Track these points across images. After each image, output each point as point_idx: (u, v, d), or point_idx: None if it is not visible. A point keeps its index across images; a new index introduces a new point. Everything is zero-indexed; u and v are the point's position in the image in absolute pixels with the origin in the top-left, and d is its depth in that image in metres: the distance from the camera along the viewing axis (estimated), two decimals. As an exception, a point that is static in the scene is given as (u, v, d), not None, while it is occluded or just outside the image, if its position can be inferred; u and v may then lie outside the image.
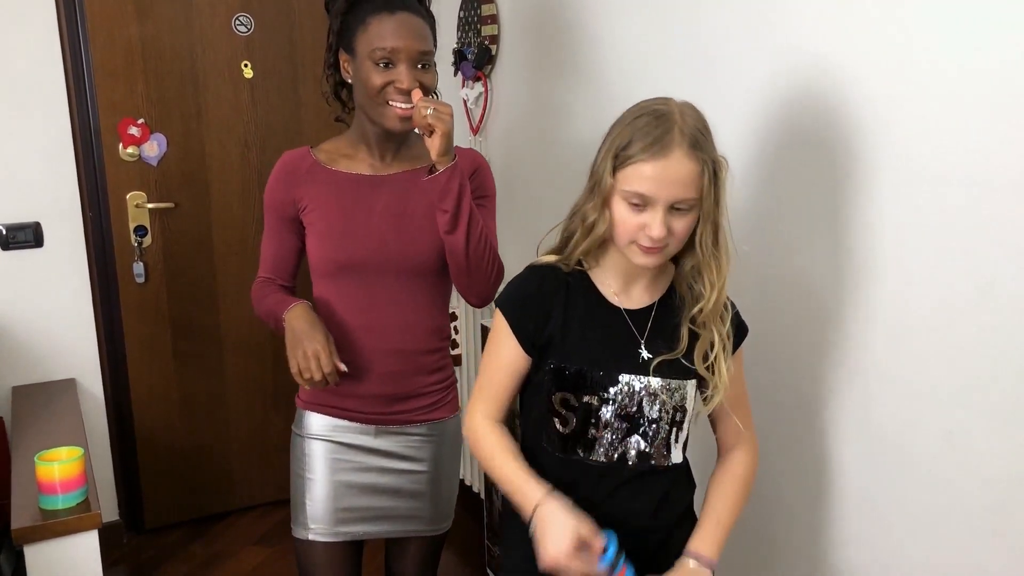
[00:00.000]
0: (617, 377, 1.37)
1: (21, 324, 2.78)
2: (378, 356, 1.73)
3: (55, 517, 1.90)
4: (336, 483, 1.76)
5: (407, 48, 1.62)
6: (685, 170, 1.26)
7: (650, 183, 1.27)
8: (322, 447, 1.77)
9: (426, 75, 1.65)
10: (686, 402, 1.40)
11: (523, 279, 1.45)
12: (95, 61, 2.76)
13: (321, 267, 1.73)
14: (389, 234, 1.70)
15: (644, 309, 1.40)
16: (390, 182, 1.74)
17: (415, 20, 1.65)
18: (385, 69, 1.63)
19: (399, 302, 1.72)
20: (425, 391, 1.79)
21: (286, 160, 1.77)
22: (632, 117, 1.32)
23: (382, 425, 1.77)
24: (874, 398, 1.53)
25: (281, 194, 1.75)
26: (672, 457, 1.42)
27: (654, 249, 1.30)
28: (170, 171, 2.91)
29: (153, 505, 3.09)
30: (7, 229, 2.71)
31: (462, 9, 2.83)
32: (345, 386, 1.71)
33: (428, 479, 1.82)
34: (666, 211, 1.28)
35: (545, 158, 2.49)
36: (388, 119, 1.66)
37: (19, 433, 2.41)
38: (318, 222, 1.72)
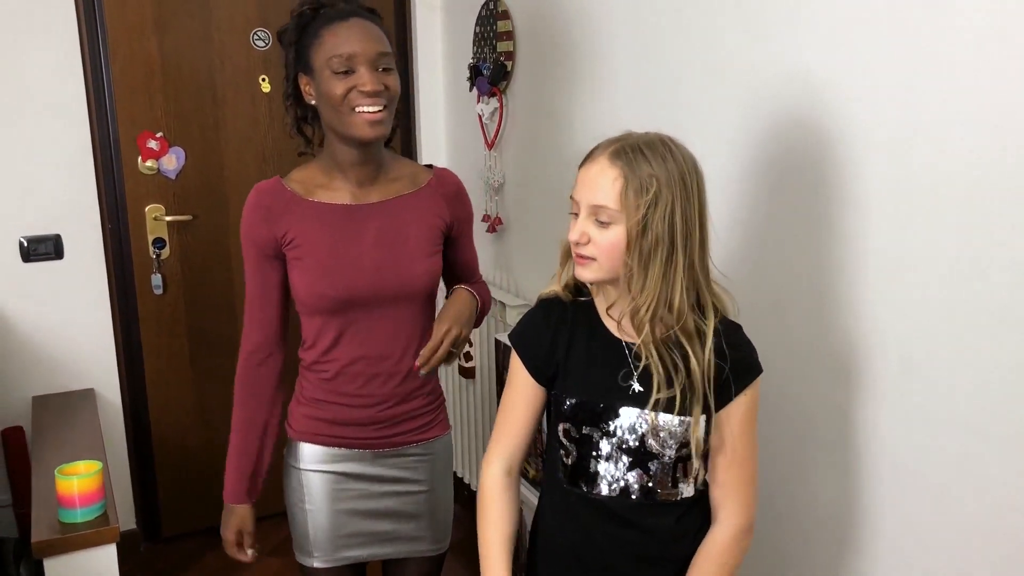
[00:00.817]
0: (617, 410, 1.36)
1: (41, 334, 2.81)
2: (376, 384, 1.71)
3: (74, 531, 1.92)
4: (337, 512, 1.75)
5: (364, 51, 1.59)
6: (602, 177, 1.29)
7: (577, 187, 1.33)
8: (320, 478, 1.75)
9: (388, 77, 1.62)
10: (692, 437, 1.36)
11: (531, 313, 1.48)
12: (115, 75, 2.80)
13: (313, 303, 1.68)
14: (384, 265, 1.68)
15: None
16: (376, 211, 1.70)
17: (368, 24, 1.63)
18: (345, 76, 1.59)
19: (395, 329, 1.71)
20: (419, 412, 1.78)
21: (261, 193, 1.70)
22: None
23: (378, 449, 1.75)
24: (887, 424, 1.54)
25: (263, 230, 1.67)
26: (681, 491, 1.40)
27: (582, 259, 1.33)
28: (188, 184, 2.94)
29: (170, 514, 3.12)
30: (28, 241, 2.75)
31: (478, 25, 2.85)
32: (341, 414, 1.72)
33: (425, 499, 1.81)
34: (588, 218, 1.31)
35: (560, 174, 2.51)
36: (358, 127, 1.61)
37: (39, 443, 2.44)
38: (306, 257, 1.66)
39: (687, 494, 1.41)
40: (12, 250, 2.74)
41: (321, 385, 1.73)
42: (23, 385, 2.81)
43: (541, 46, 2.55)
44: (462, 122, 3.11)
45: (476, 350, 2.96)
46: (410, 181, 1.75)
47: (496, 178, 2.83)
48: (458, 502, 3.26)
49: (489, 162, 2.86)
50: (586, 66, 2.34)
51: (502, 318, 2.74)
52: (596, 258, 1.32)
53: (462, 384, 3.09)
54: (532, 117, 2.64)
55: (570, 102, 2.43)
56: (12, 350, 2.77)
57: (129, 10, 2.78)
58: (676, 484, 1.39)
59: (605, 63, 2.25)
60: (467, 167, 3.09)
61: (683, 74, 1.95)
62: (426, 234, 1.72)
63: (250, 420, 1.75)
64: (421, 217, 1.73)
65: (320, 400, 1.74)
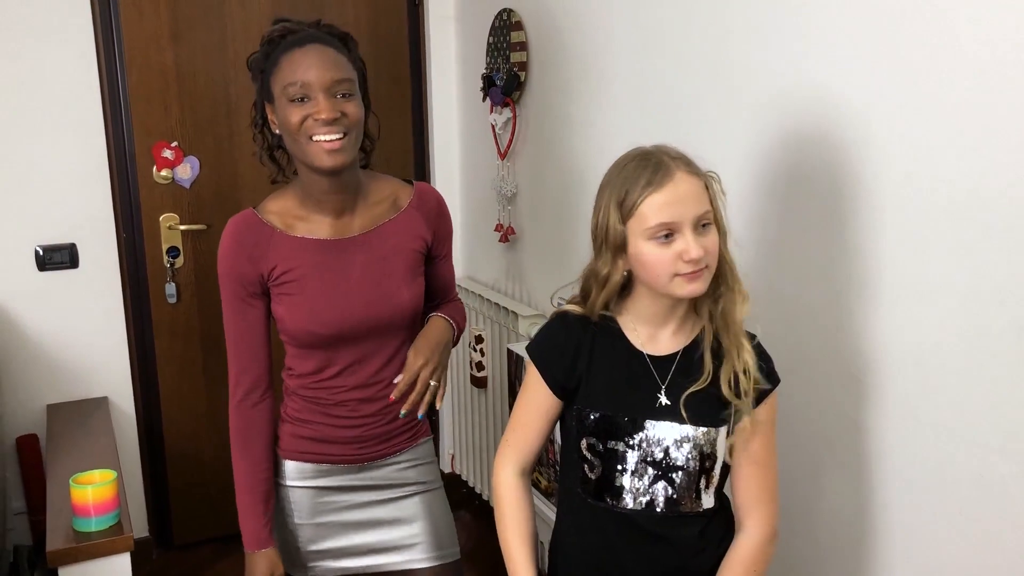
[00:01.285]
0: (642, 423, 1.37)
1: (56, 343, 2.83)
2: (364, 407, 1.71)
3: (88, 540, 1.93)
4: (326, 524, 1.74)
5: (319, 78, 1.54)
6: (692, 187, 1.31)
7: (669, 210, 1.29)
8: (305, 493, 1.73)
9: (347, 104, 1.56)
10: (716, 449, 1.39)
11: (551, 325, 1.47)
12: (131, 85, 2.82)
13: (303, 340, 1.66)
14: (372, 299, 1.66)
15: (669, 356, 1.40)
16: (359, 245, 1.67)
17: (326, 50, 1.58)
18: (301, 104, 1.55)
19: (383, 355, 1.70)
20: (404, 428, 1.77)
21: (240, 229, 1.64)
22: (618, 170, 1.36)
23: (363, 463, 1.74)
24: (907, 441, 1.53)
25: (248, 268, 1.62)
26: (703, 503, 1.41)
27: (697, 273, 1.31)
28: (203, 193, 2.96)
29: (182, 522, 3.13)
30: (44, 250, 2.76)
31: (491, 35, 2.86)
32: (327, 433, 1.71)
33: (418, 501, 1.79)
34: (693, 231, 1.30)
35: (573, 185, 2.51)
36: (317, 157, 1.56)
37: (54, 451, 2.45)
38: (296, 295, 1.63)
39: (708, 505, 1.42)
40: (28, 259, 2.76)
41: (307, 406, 1.72)
42: (38, 393, 2.82)
43: (554, 57, 2.55)
44: (475, 132, 3.12)
45: (488, 360, 2.97)
46: (391, 205, 1.73)
47: (509, 188, 2.84)
48: (468, 510, 3.29)
49: (502, 172, 2.87)
50: (599, 77, 2.34)
51: (514, 328, 2.75)
52: (708, 266, 1.32)
53: (473, 393, 3.09)
54: (545, 127, 2.64)
55: (583, 112, 2.44)
56: (27, 358, 2.79)
57: (146, 21, 2.80)
58: (699, 496, 1.40)
59: (618, 74, 2.25)
60: (480, 177, 3.10)
61: (696, 86, 1.95)
62: (409, 260, 1.71)
63: (256, 463, 1.70)
64: (404, 243, 1.71)
65: (306, 420, 1.72)
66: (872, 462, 1.60)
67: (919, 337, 1.48)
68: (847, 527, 1.66)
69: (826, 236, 1.64)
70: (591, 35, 2.36)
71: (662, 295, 1.36)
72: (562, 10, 2.48)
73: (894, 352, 1.53)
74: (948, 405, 1.44)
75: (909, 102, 1.45)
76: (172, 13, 2.84)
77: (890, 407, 1.55)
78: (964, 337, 1.40)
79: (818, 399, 1.69)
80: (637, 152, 1.36)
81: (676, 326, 1.41)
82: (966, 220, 1.38)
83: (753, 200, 1.79)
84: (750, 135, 1.80)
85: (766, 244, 1.78)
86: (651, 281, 1.34)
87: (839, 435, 1.66)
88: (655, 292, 1.36)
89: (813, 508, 1.73)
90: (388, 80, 3.18)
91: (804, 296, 1.71)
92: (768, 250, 1.78)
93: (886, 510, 1.58)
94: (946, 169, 1.40)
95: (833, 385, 1.66)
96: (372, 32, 3.12)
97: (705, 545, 1.42)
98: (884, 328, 1.54)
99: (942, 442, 1.45)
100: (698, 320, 1.41)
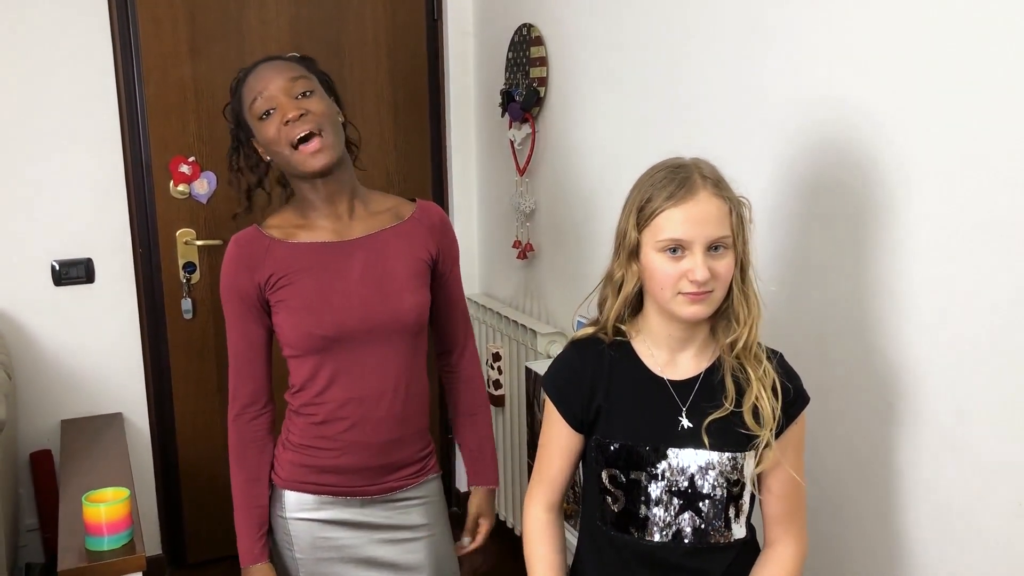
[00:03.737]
0: (665, 452, 1.33)
1: (71, 358, 2.81)
2: (370, 426, 1.66)
3: (100, 559, 1.91)
4: (325, 560, 1.69)
5: (276, 84, 1.59)
6: (713, 208, 1.27)
7: (683, 227, 1.27)
8: (305, 527, 1.69)
9: (309, 102, 1.59)
10: (743, 475, 1.34)
11: (565, 357, 1.44)
12: (148, 99, 2.81)
13: (302, 344, 1.64)
14: (372, 300, 1.64)
15: (690, 380, 1.36)
16: (360, 246, 1.67)
17: (275, 63, 1.64)
18: (270, 116, 1.59)
19: (384, 367, 1.66)
20: (410, 461, 1.73)
21: (241, 244, 1.67)
22: (648, 176, 1.34)
23: (367, 496, 1.70)
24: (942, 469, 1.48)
25: (245, 280, 1.64)
26: (734, 533, 1.37)
27: (700, 295, 1.28)
28: (219, 209, 2.94)
29: (196, 540, 3.10)
30: (60, 265, 2.75)
31: (511, 51, 2.84)
32: (329, 461, 1.67)
33: (425, 546, 1.75)
34: (704, 253, 1.26)
35: (592, 201, 2.48)
36: (302, 163, 1.59)
37: (67, 468, 2.43)
38: (292, 298, 1.63)
39: (739, 535, 1.38)
40: (44, 273, 2.74)
41: (309, 430, 1.68)
42: (52, 408, 2.80)
43: (574, 72, 2.53)
44: (493, 148, 3.10)
45: (505, 377, 2.93)
46: (393, 215, 1.73)
47: (527, 204, 2.81)
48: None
49: (520, 188, 2.84)
50: (620, 92, 2.31)
51: (532, 345, 2.71)
52: (713, 291, 1.29)
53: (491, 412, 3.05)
54: (565, 143, 2.62)
55: (604, 128, 2.41)
56: (42, 373, 2.78)
57: (164, 35, 2.80)
58: (729, 525, 1.36)
59: (640, 89, 2.22)
60: (498, 193, 3.08)
61: (719, 100, 1.92)
62: (413, 268, 1.69)
63: (253, 476, 1.71)
64: (407, 250, 1.70)
65: (308, 446, 1.69)
66: (903, 487, 1.55)
67: (953, 356, 1.43)
68: (876, 554, 1.62)
69: (853, 250, 1.60)
70: (612, 50, 2.33)
71: (669, 316, 1.33)
72: (582, 24, 2.46)
73: (927, 372, 1.49)
74: (986, 427, 1.39)
75: (941, 109, 1.41)
76: (190, 28, 2.83)
77: (923, 430, 1.50)
78: (1003, 355, 1.35)
79: (845, 420, 1.65)
80: (672, 162, 1.34)
81: (696, 349, 1.37)
82: (1004, 233, 1.33)
83: (777, 213, 1.76)
84: (774, 149, 1.76)
85: (790, 258, 1.75)
86: (655, 294, 1.32)
87: (867, 458, 1.61)
88: (663, 312, 1.33)
89: (840, 534, 1.68)
90: (406, 95, 3.16)
91: (831, 313, 1.67)
92: (792, 264, 1.74)
93: (918, 538, 1.53)
94: (982, 179, 1.36)
95: (861, 406, 1.62)
96: (391, 48, 3.11)
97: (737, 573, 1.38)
98: (915, 347, 1.50)
99: (979, 467, 1.41)
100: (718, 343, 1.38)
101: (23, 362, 2.73)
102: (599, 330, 1.40)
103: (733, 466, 1.33)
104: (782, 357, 1.40)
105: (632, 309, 1.41)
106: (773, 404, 1.32)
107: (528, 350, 2.75)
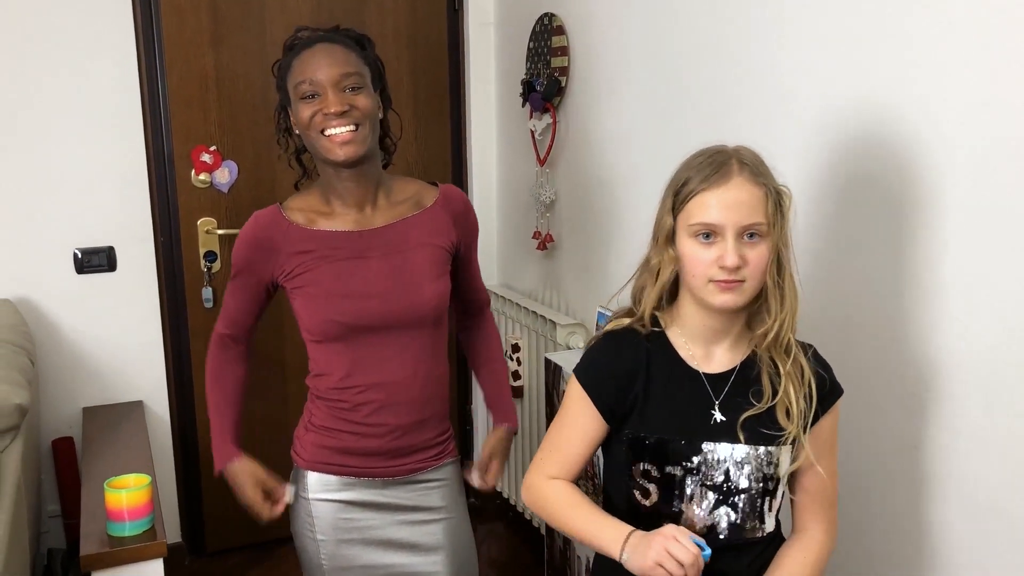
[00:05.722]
0: (700, 446, 1.32)
1: (93, 346, 2.83)
2: (388, 411, 1.67)
3: (122, 545, 1.92)
4: (347, 542, 1.70)
5: (328, 75, 1.58)
6: (747, 194, 1.25)
7: (715, 211, 1.25)
8: (328, 507, 1.70)
9: (356, 97, 1.59)
10: (779, 469, 1.33)
11: (602, 347, 1.41)
12: (171, 89, 2.82)
13: (323, 330, 1.66)
14: (392, 289, 1.65)
15: (725, 373, 1.35)
16: (380, 235, 1.68)
17: (334, 48, 1.62)
18: (312, 100, 1.59)
19: (405, 354, 1.67)
20: (430, 444, 1.74)
21: (261, 224, 1.68)
22: (688, 161, 1.33)
23: (388, 477, 1.71)
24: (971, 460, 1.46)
25: (259, 261, 1.67)
26: (767, 526, 1.36)
27: (731, 284, 1.26)
28: (240, 198, 2.95)
29: (215, 528, 3.11)
30: (82, 253, 2.77)
31: (532, 40, 2.82)
32: (352, 443, 1.68)
33: (443, 528, 1.75)
34: (737, 239, 1.25)
35: (613, 192, 2.47)
36: (329, 150, 1.60)
37: (89, 455, 2.45)
38: (311, 286, 1.65)
39: (770, 528, 1.37)
40: (67, 261, 2.76)
41: (332, 413, 1.70)
42: (74, 396, 2.82)
43: (596, 62, 2.51)
44: (514, 138, 3.09)
45: (524, 369, 2.93)
46: (415, 203, 1.73)
47: (548, 195, 2.80)
48: (502, 521, 3.25)
49: (541, 179, 2.83)
50: (644, 82, 2.30)
51: (552, 337, 2.70)
52: (745, 280, 1.26)
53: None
54: (586, 133, 2.60)
55: (626, 118, 2.39)
56: (64, 360, 2.79)
57: (186, 25, 2.81)
58: (763, 519, 1.35)
59: (662, 79, 2.21)
60: (518, 183, 3.07)
61: (743, 91, 1.90)
62: (433, 256, 1.70)
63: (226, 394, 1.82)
64: (428, 238, 1.70)
65: (330, 428, 1.70)
66: (933, 482, 1.53)
67: (984, 351, 1.42)
68: (904, 550, 1.60)
69: (884, 246, 1.58)
70: (635, 39, 2.32)
71: (704, 306, 1.31)
72: (605, 13, 2.44)
73: (957, 367, 1.47)
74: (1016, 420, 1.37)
75: (975, 106, 1.39)
76: (212, 18, 2.84)
77: (953, 424, 1.48)
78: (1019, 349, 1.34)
79: (874, 413, 1.63)
80: (714, 148, 1.32)
81: (731, 342, 1.36)
82: None
83: (809, 209, 1.74)
84: (802, 142, 1.74)
85: (822, 254, 1.73)
86: (689, 282, 1.31)
87: (896, 453, 1.60)
88: (698, 302, 1.31)
89: (868, 529, 1.67)
90: (427, 86, 3.16)
91: (861, 308, 1.65)
92: (824, 260, 1.72)
93: (947, 531, 1.52)
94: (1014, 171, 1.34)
95: (888, 399, 1.60)
96: (411, 38, 3.11)
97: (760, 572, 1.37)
98: (945, 341, 1.48)
99: (1011, 462, 1.39)
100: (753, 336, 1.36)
101: (45, 349, 2.74)
102: (635, 321, 1.38)
103: (768, 460, 1.32)
104: (815, 351, 1.39)
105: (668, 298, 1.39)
106: (802, 405, 1.31)
107: (547, 341, 2.75)
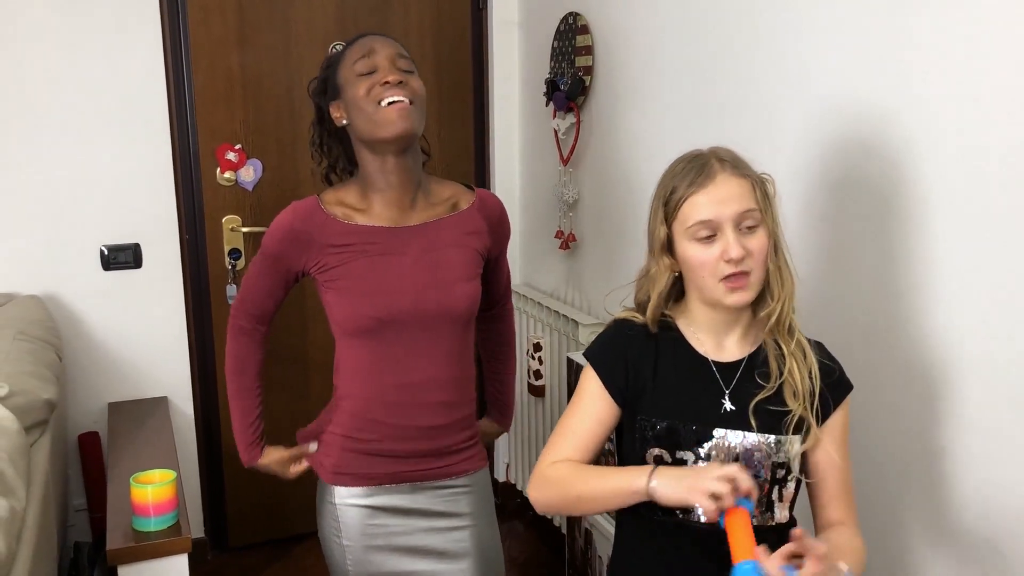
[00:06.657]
0: (710, 432, 1.33)
1: (119, 342, 2.86)
2: (417, 411, 1.68)
3: (147, 539, 1.93)
4: (374, 548, 1.70)
5: (385, 52, 1.62)
6: (735, 187, 1.29)
7: (708, 208, 1.28)
8: (355, 513, 1.70)
9: (411, 77, 1.63)
10: (789, 458, 1.34)
11: (612, 332, 1.43)
12: (197, 88, 2.84)
13: (354, 325, 1.66)
14: (425, 286, 1.65)
15: (735, 363, 1.37)
16: (417, 233, 1.68)
17: (387, 39, 1.68)
18: (369, 76, 1.61)
19: (434, 354, 1.68)
20: (458, 448, 1.74)
21: (300, 215, 1.67)
22: (669, 171, 1.37)
23: (416, 482, 1.71)
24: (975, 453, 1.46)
25: (292, 252, 1.67)
26: (776, 515, 1.36)
27: (740, 279, 1.28)
28: (265, 196, 2.97)
29: (238, 524, 3.13)
30: (109, 250, 2.80)
31: (556, 39, 2.82)
32: (379, 447, 1.69)
33: (471, 535, 1.75)
34: (735, 231, 1.28)
35: (636, 192, 2.46)
36: (388, 125, 1.59)
37: (115, 450, 2.47)
38: (344, 279, 1.65)
39: (781, 519, 1.37)
40: (93, 258, 2.79)
41: (357, 414, 1.70)
42: (99, 391, 2.85)
43: (621, 61, 2.51)
44: (537, 137, 3.08)
45: (546, 368, 2.92)
46: (451, 205, 1.74)
47: (570, 194, 2.80)
48: (522, 520, 3.25)
49: (564, 178, 2.83)
50: (667, 82, 2.29)
51: (574, 336, 2.70)
52: (751, 271, 1.29)
53: (531, 402, 3.05)
54: (609, 133, 2.60)
55: (650, 118, 2.39)
56: (90, 356, 2.82)
57: (212, 25, 2.83)
58: (771, 508, 1.35)
59: (686, 79, 2.20)
60: (541, 183, 3.07)
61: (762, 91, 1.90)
62: (467, 257, 1.71)
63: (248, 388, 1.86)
64: (462, 240, 1.71)
65: (356, 430, 1.70)
66: (949, 480, 1.52)
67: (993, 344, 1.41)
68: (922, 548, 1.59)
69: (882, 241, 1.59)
70: (659, 39, 2.31)
71: (713, 305, 1.33)
72: (629, 13, 2.43)
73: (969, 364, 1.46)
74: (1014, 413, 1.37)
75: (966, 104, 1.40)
76: (238, 17, 2.86)
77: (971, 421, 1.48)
78: None
79: (885, 415, 1.62)
80: (690, 154, 1.36)
81: (741, 332, 1.38)
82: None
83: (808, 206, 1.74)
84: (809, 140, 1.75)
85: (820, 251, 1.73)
86: (699, 285, 1.33)
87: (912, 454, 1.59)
88: (706, 301, 1.34)
89: (884, 532, 1.66)
90: (450, 84, 3.17)
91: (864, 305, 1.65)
92: (823, 258, 1.72)
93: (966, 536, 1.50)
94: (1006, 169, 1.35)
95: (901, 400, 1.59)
96: (435, 36, 3.11)
97: None
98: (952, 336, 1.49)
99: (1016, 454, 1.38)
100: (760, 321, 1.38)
101: (72, 345, 2.77)
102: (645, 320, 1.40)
103: (778, 448, 1.33)
104: (823, 346, 1.41)
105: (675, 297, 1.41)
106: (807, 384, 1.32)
107: (570, 340, 2.75)
